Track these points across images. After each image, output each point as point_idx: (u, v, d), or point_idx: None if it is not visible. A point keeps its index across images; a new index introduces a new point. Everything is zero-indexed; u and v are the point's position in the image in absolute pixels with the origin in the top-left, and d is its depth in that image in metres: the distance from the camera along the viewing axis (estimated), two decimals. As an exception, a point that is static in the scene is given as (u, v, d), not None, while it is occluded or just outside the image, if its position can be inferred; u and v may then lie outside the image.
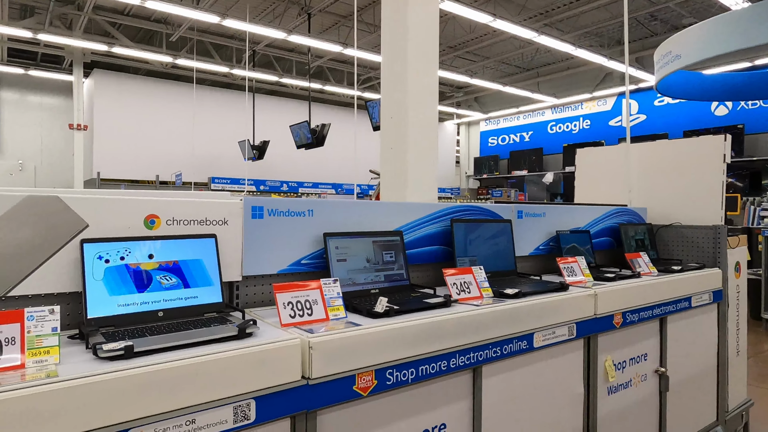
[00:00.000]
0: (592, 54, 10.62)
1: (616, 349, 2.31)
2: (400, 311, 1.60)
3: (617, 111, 13.70)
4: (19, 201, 1.29)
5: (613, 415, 2.29)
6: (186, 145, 12.58)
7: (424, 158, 2.59)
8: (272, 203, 1.72)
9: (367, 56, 10.71)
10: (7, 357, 1.05)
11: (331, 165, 15.16)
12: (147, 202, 1.49)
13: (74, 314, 1.40)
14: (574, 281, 2.28)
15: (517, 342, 1.84)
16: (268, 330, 1.39)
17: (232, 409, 1.18)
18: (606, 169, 3.73)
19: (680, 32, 5.77)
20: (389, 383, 1.47)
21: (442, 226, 2.21)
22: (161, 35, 11.35)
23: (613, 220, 3.09)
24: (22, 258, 1.29)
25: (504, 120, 16.79)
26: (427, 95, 2.59)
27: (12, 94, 12.51)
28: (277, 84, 13.97)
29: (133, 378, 1.06)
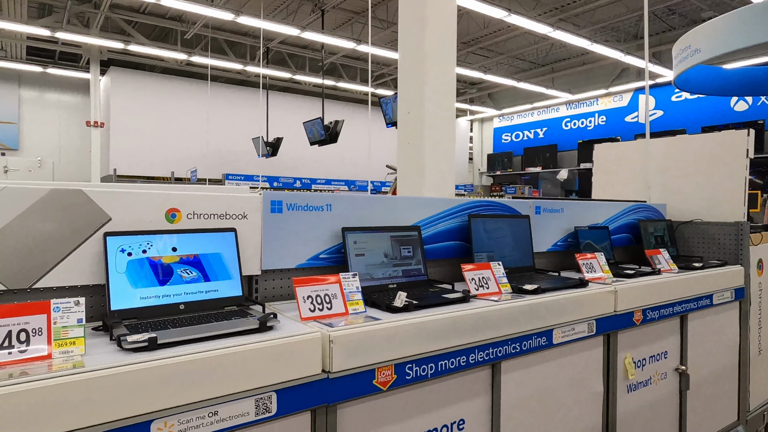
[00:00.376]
0: (608, 49, 10.48)
1: (636, 346, 2.28)
2: (419, 306, 1.60)
3: (633, 107, 13.52)
4: (44, 194, 1.31)
5: (633, 413, 2.26)
6: (200, 142, 12.69)
7: (442, 153, 2.58)
8: (291, 197, 1.72)
9: (381, 52, 10.69)
10: (34, 347, 1.06)
11: (344, 162, 15.19)
12: (168, 196, 1.49)
13: (97, 306, 1.42)
14: (594, 278, 2.26)
15: (536, 338, 1.82)
16: (288, 324, 1.39)
17: (254, 401, 1.19)
18: (624, 164, 3.68)
19: (700, 26, 5.67)
20: (408, 378, 1.47)
21: (460, 221, 2.20)
22: (176, 33, 11.44)
23: (631, 217, 3.04)
24: (47, 250, 1.31)
25: (518, 116, 16.66)
26: (444, 89, 2.57)
27: (31, 92, 12.71)
28: (291, 81, 14.01)
29: (158, 369, 1.07)
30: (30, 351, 1.06)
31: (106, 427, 1.01)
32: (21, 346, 1.06)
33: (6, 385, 0.93)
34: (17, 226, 1.27)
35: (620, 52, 10.74)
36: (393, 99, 7.55)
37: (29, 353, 1.06)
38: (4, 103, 12.26)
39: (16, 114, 12.41)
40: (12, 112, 12.36)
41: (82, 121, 12.78)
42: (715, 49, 5.63)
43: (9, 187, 1.27)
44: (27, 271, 1.28)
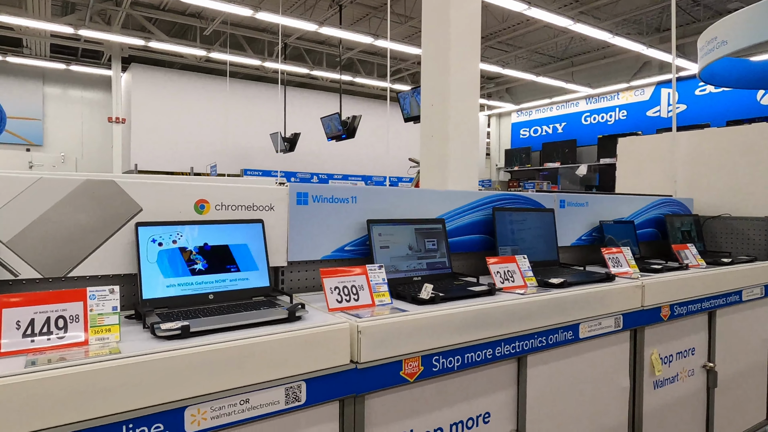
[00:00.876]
0: (630, 42, 10.29)
1: (663, 342, 2.24)
2: (446, 298, 1.59)
3: (656, 101, 13.26)
4: (79, 185, 1.33)
5: (659, 409, 2.23)
6: (219, 138, 12.81)
7: (466, 146, 2.56)
8: (317, 189, 1.73)
9: (399, 47, 10.65)
10: (72, 334, 1.09)
11: (361, 157, 15.20)
12: (197, 187, 1.51)
13: (128, 295, 1.44)
14: (620, 272, 2.22)
15: (562, 332, 1.80)
16: (315, 314, 1.40)
17: (284, 390, 1.20)
18: (649, 158, 3.61)
19: (727, 17, 5.53)
20: (435, 370, 1.46)
21: (484, 214, 2.18)
22: (195, 29, 11.55)
23: (657, 211, 2.99)
24: (81, 240, 1.33)
25: (536, 111, 16.47)
26: (468, 82, 2.55)
27: (55, 89, 12.96)
28: (308, 76, 14.05)
29: (191, 357, 1.08)
30: (68, 337, 1.08)
31: (141, 413, 1.02)
32: (59, 332, 1.08)
33: (46, 370, 0.95)
34: (53, 215, 1.30)
35: (642, 45, 10.54)
36: (411, 94, 7.51)
37: (67, 339, 1.08)
38: (30, 100, 12.52)
39: (40, 111, 12.67)
40: (37, 109, 12.62)
41: (104, 117, 13.00)
42: (742, 41, 5.49)
43: (45, 178, 1.29)
44: (62, 260, 1.30)
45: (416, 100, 7.44)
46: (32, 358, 1.00)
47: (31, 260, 1.27)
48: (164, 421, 1.05)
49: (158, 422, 1.04)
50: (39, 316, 1.07)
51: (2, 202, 1.24)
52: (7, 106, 12.21)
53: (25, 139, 12.51)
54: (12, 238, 1.25)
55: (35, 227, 1.28)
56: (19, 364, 0.97)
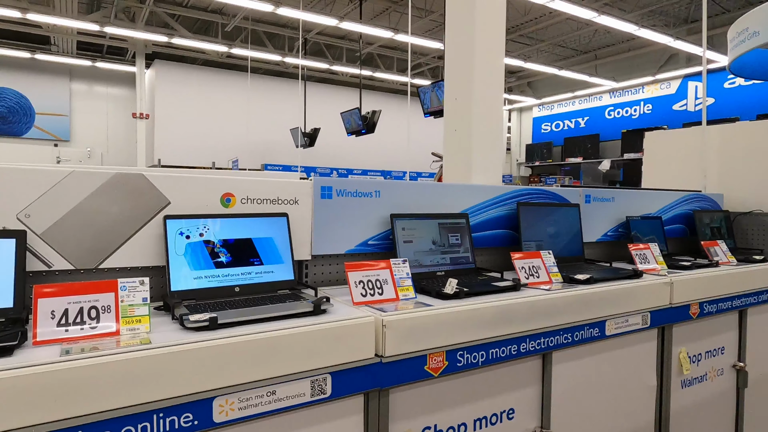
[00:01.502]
0: (656, 34, 10.04)
1: (692, 340, 2.19)
2: (470, 293, 1.58)
3: (682, 94, 12.94)
4: (109, 178, 1.35)
5: (687, 409, 2.18)
6: (240, 133, 12.94)
7: (489, 140, 2.53)
8: (341, 183, 1.73)
9: (419, 42, 10.59)
10: (104, 324, 1.11)
11: (380, 152, 15.19)
12: (223, 180, 1.52)
13: (157, 287, 1.46)
14: (647, 269, 2.18)
15: (588, 329, 1.77)
16: (340, 308, 1.40)
17: (309, 382, 1.20)
18: (677, 153, 3.53)
19: (759, 7, 5.35)
20: (459, 365, 1.46)
21: (508, 209, 2.16)
22: (217, 25, 11.65)
23: (686, 207, 2.92)
24: (112, 232, 1.36)
25: (558, 105, 16.22)
26: (493, 75, 2.52)
27: (81, 85, 13.23)
28: (328, 71, 14.07)
29: (219, 348, 1.10)
30: (100, 327, 1.10)
31: (171, 402, 1.04)
32: (92, 322, 1.10)
33: (80, 359, 0.97)
34: (84, 208, 1.32)
35: (669, 37, 10.28)
36: (431, 88, 7.47)
37: (99, 329, 1.10)
38: (57, 96, 12.81)
39: (67, 106, 12.95)
40: (64, 105, 12.90)
41: (129, 113, 13.23)
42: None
43: (77, 171, 1.32)
44: (94, 252, 1.33)
45: (437, 95, 7.39)
46: (66, 347, 1.03)
47: (64, 252, 1.30)
48: (193, 411, 1.06)
49: (187, 412, 1.06)
50: (72, 306, 1.09)
51: (36, 195, 1.27)
52: (35, 102, 12.53)
53: (53, 134, 12.81)
54: (45, 230, 1.28)
55: (67, 219, 1.30)
56: (55, 353, 0.99)
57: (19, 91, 12.37)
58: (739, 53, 6.21)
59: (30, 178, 1.26)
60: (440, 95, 7.36)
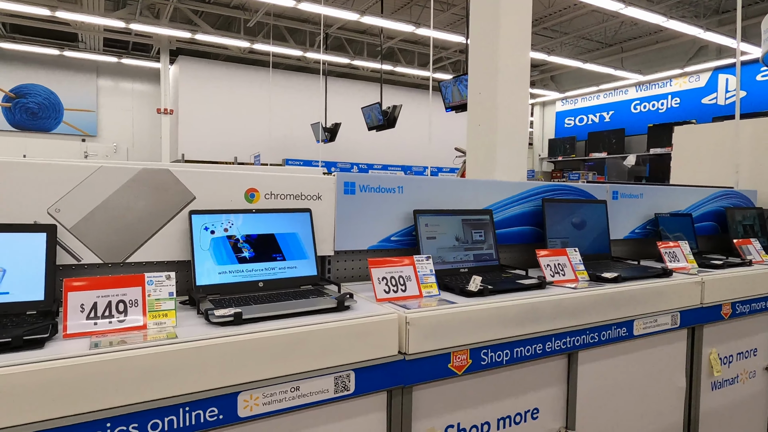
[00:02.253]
0: (685, 25, 9.76)
1: (723, 341, 2.13)
2: (494, 291, 1.56)
3: (712, 88, 12.57)
4: (136, 173, 1.37)
5: (717, 412, 2.13)
6: (262, 128, 13.04)
7: (514, 135, 2.49)
8: (364, 179, 1.72)
9: (441, 35, 10.50)
10: (131, 318, 1.12)
11: (401, 147, 15.15)
12: (247, 176, 1.53)
13: (182, 281, 1.48)
14: (677, 267, 2.12)
15: (616, 328, 1.73)
16: (364, 304, 1.39)
17: (333, 379, 1.20)
18: (708, 148, 3.43)
19: (797, -4, 5.15)
20: (483, 363, 1.44)
21: (533, 205, 2.12)
22: (239, 21, 11.74)
23: (717, 204, 2.83)
24: (138, 227, 1.37)
25: (582, 99, 15.92)
26: (518, 68, 2.47)
27: (108, 81, 13.50)
28: (349, 66, 14.07)
29: (244, 343, 1.10)
30: (127, 321, 1.12)
31: (196, 397, 1.05)
32: (120, 316, 1.11)
33: (109, 352, 0.98)
34: (112, 203, 1.34)
35: (699, 29, 9.98)
36: (453, 82, 7.40)
37: (127, 323, 1.12)
38: (85, 93, 13.10)
39: (94, 102, 13.23)
40: (91, 101, 13.19)
41: (153, 109, 13.45)
42: (812, 22, 5.10)
43: (105, 166, 1.33)
44: (121, 246, 1.35)
45: (458, 89, 7.32)
46: (95, 340, 1.04)
47: (93, 246, 1.32)
48: (218, 405, 1.07)
49: (213, 406, 1.06)
50: (101, 300, 1.11)
51: (66, 190, 1.29)
52: (64, 98, 12.83)
53: (81, 129, 13.11)
54: (75, 225, 1.30)
55: (96, 214, 1.32)
56: (84, 346, 1.01)
57: (48, 87, 12.68)
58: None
59: (60, 173, 1.28)
60: (462, 89, 7.29)
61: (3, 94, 12.20)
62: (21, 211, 1.25)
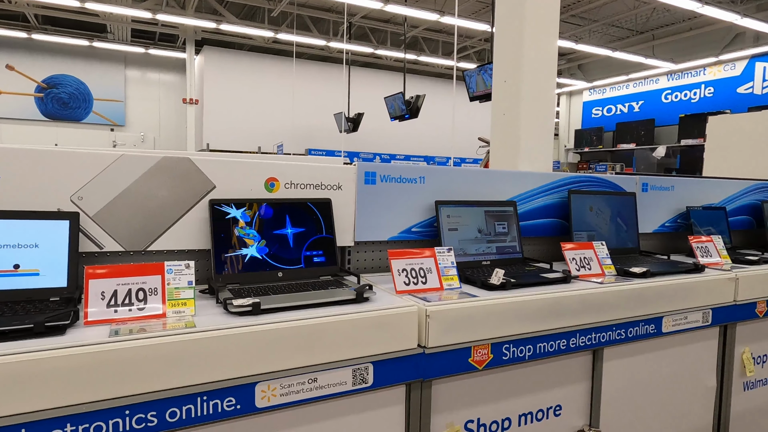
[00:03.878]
0: (721, 11, 9.38)
1: (757, 340, 2.05)
2: (517, 285, 1.52)
3: (748, 76, 12.09)
4: (157, 161, 1.37)
5: (749, 413, 2.05)
6: (286, 118, 13.10)
7: (539, 125, 2.42)
8: (385, 169, 1.69)
9: (465, 23, 10.33)
10: (151, 306, 1.12)
11: (423, 137, 15.04)
12: (268, 165, 1.52)
13: (202, 270, 1.48)
14: (709, 263, 2.04)
15: (643, 325, 1.68)
16: (383, 296, 1.37)
17: (351, 371, 1.19)
18: (744, 139, 3.29)
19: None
20: (505, 359, 1.41)
21: (559, 197, 2.06)
22: (263, 11, 11.77)
23: (753, 197, 2.72)
24: (159, 215, 1.38)
25: (610, 89, 15.52)
26: (544, 55, 2.40)
27: (135, 72, 13.72)
28: (372, 56, 13.99)
29: (262, 334, 1.09)
30: (147, 309, 1.12)
31: (215, 386, 1.05)
32: (139, 304, 1.12)
33: (129, 340, 0.99)
34: (133, 191, 1.35)
35: (736, 14, 9.58)
36: (477, 72, 7.28)
37: (147, 311, 1.12)
38: (113, 83, 13.35)
39: (122, 93, 13.48)
40: (119, 91, 13.43)
41: (179, 99, 13.63)
42: None
43: (126, 155, 1.34)
44: (143, 234, 1.36)
45: (483, 79, 7.20)
46: (115, 328, 1.05)
47: (114, 234, 1.33)
48: (236, 395, 1.07)
49: (230, 396, 1.06)
50: (121, 288, 1.11)
51: (88, 178, 1.30)
52: (93, 88, 13.10)
53: (109, 119, 13.38)
54: (97, 212, 1.31)
55: (118, 202, 1.33)
56: (104, 333, 1.01)
57: (78, 78, 12.95)
58: (816, 30, 5.68)
59: (83, 161, 1.29)
60: (486, 79, 7.16)
61: (35, 84, 12.52)
62: (45, 198, 1.26)
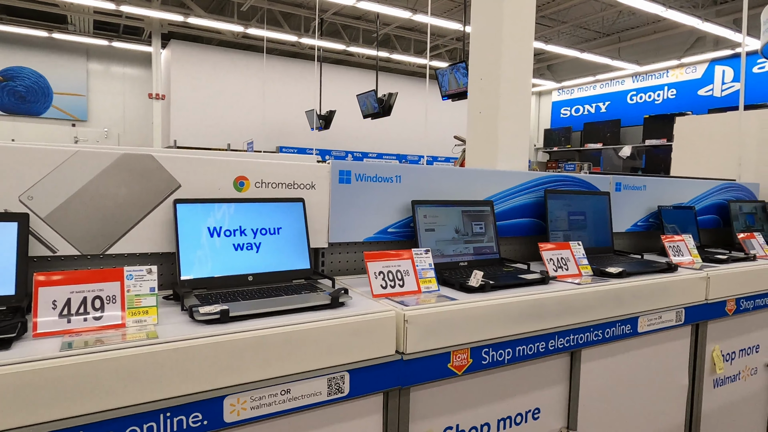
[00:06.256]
0: (684, 15, 9.66)
1: (726, 338, 2.08)
2: (496, 286, 1.49)
3: (708, 79, 12.52)
4: (116, 159, 1.28)
5: (719, 409, 2.08)
6: (256, 114, 12.86)
7: (516, 122, 2.40)
8: (360, 167, 1.63)
9: (438, 22, 10.34)
10: (109, 314, 1.04)
11: (396, 136, 15.02)
12: (237, 163, 1.44)
13: (166, 274, 1.40)
14: (681, 262, 2.06)
15: (620, 326, 1.67)
16: (359, 300, 1.32)
17: (326, 380, 1.13)
18: (709, 139, 3.36)
19: (799, -14, 5.06)
20: (484, 363, 1.37)
21: (535, 197, 2.05)
22: (233, 5, 11.50)
23: (720, 197, 2.77)
24: (119, 216, 1.28)
25: (578, 90, 15.84)
26: (522, 54, 2.38)
27: (98, 65, 13.23)
28: (344, 53, 13.87)
29: (231, 343, 1.02)
30: (104, 318, 1.04)
31: (180, 401, 0.97)
32: (96, 313, 1.03)
33: (83, 354, 0.90)
34: (90, 190, 1.25)
35: (698, 19, 9.89)
36: (450, 70, 7.29)
37: (104, 321, 1.03)
38: (75, 76, 12.83)
39: (84, 86, 12.97)
40: (81, 85, 12.92)
41: (145, 94, 13.21)
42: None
43: (81, 151, 1.24)
44: (100, 237, 1.26)
45: (455, 77, 7.21)
46: (68, 340, 0.96)
47: (69, 236, 1.23)
48: (202, 410, 0.99)
49: (196, 411, 0.99)
50: (75, 296, 1.02)
51: (40, 176, 1.20)
52: (53, 82, 12.56)
53: (71, 114, 12.86)
54: (50, 213, 1.21)
55: (73, 202, 1.23)
56: (55, 346, 0.93)
57: (37, 70, 12.40)
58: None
59: (33, 157, 1.19)
60: (459, 77, 7.18)
61: (-10, 76, 11.93)
62: (-10, 198, 1.15)
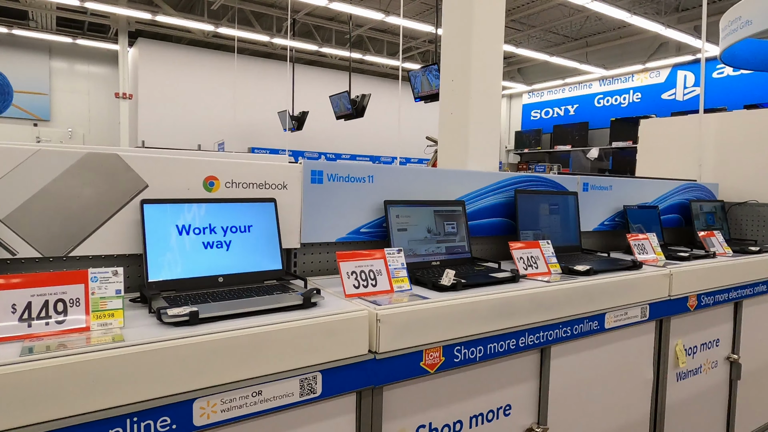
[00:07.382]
0: (648, 21, 9.98)
1: (688, 333, 2.16)
2: (468, 285, 1.50)
3: (671, 83, 12.95)
4: (80, 158, 1.24)
5: (682, 402, 2.15)
6: (227, 115, 12.67)
7: (487, 123, 2.44)
8: (332, 167, 1.63)
9: (410, 24, 10.40)
10: (72, 318, 1.01)
11: (370, 137, 15.02)
12: (206, 163, 1.42)
13: (134, 276, 1.36)
14: (646, 259, 2.13)
15: (588, 322, 1.71)
16: (332, 300, 1.31)
17: (298, 381, 1.12)
18: (672, 142, 3.48)
19: (755, -5, 5.29)
20: (457, 361, 1.38)
21: (505, 197, 2.08)
22: (203, 3, 11.32)
23: (681, 196, 2.87)
24: (83, 217, 1.25)
25: (548, 93, 16.16)
26: (491, 57, 2.42)
27: (61, 63, 12.81)
28: (317, 54, 13.81)
29: (200, 345, 1.01)
30: (68, 322, 1.00)
31: (147, 405, 0.95)
32: (58, 316, 1.00)
33: (44, 359, 0.87)
34: (52, 191, 1.21)
35: (660, 25, 10.22)
36: (422, 72, 7.34)
37: (67, 324, 1.00)
38: (36, 75, 12.40)
39: (47, 85, 12.55)
40: (43, 83, 12.50)
41: (111, 93, 12.85)
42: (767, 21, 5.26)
43: (43, 150, 1.20)
44: (63, 239, 1.22)
45: (428, 79, 7.27)
46: (29, 345, 0.93)
47: (30, 238, 1.19)
48: (171, 414, 0.97)
49: (165, 415, 0.97)
50: (37, 299, 0.99)
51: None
52: (14, 80, 12.08)
53: (32, 113, 12.42)
54: (9, 215, 1.17)
55: (34, 203, 1.19)
56: (15, 352, 0.89)
57: (-5, 68, 11.93)
58: (731, 42, 6.14)
59: (-9, 157, 1.15)
60: (431, 79, 7.23)
61: (-55, 73, 11.42)
62: (-56, 199, 1.11)
